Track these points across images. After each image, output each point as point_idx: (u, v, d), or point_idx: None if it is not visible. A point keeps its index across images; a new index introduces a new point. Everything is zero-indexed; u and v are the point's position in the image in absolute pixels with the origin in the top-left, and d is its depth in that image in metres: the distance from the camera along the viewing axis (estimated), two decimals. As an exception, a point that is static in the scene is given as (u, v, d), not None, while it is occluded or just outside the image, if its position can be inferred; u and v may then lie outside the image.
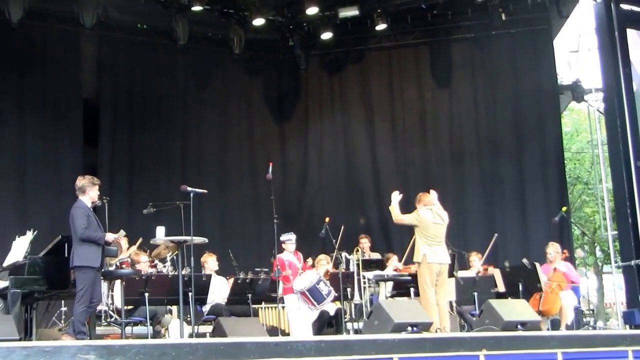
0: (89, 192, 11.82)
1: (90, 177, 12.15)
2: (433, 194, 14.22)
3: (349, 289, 15.23)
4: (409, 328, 11.62)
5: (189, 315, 13.18)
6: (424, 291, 13.51)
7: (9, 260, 11.88)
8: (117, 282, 13.11)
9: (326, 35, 21.91)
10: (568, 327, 15.91)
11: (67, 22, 19.92)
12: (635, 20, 20.28)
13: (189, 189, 12.48)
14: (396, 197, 14.13)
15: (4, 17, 18.41)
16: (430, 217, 13.75)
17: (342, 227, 17.03)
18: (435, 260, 13.49)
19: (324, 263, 15.77)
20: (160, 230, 12.96)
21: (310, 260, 16.04)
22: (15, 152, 19.84)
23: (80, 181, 11.97)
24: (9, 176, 19.64)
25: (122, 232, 12.23)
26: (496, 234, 17.58)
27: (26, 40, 19.83)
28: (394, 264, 16.59)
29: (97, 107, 21.19)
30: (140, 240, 14.84)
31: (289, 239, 14.98)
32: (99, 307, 13.11)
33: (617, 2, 19.91)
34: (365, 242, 17.63)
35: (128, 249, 14.83)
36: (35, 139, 20.12)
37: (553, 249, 16.64)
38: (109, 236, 11.76)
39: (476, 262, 16.85)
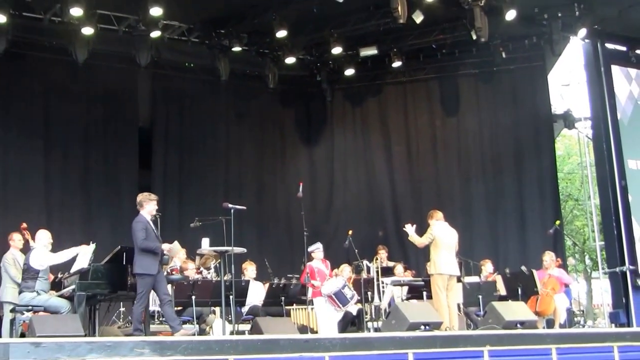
0: (146, 206, 11.85)
1: (148, 193, 12.22)
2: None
3: (369, 293, 15.25)
4: (422, 327, 11.59)
5: (230, 316, 13.22)
6: (437, 295, 13.50)
7: (75, 267, 11.96)
8: (169, 287, 13.17)
9: (349, 72, 21.92)
10: (561, 326, 15.90)
11: (125, 61, 19.97)
12: (619, 57, 20.39)
13: (230, 205, 12.48)
14: (410, 228, 14.13)
15: (71, 58, 18.53)
16: (442, 232, 13.75)
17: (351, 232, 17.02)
18: (446, 272, 13.50)
19: (347, 272, 15.75)
20: (205, 242, 12.98)
21: (336, 270, 15.99)
22: (81, 173, 20.02)
23: (139, 197, 12.05)
24: (76, 194, 19.81)
25: (177, 244, 12.24)
26: (497, 272, 17.53)
27: (90, 78, 19.97)
28: (398, 272, 16.66)
29: (151, 135, 21.32)
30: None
31: (317, 248, 15.01)
32: (152, 308, 13.19)
33: (602, 42, 20.04)
34: (383, 253, 17.58)
35: (187, 259, 14.88)
36: (98, 162, 20.28)
37: (549, 257, 16.64)
38: (165, 246, 11.80)
39: (487, 268, 16.90)
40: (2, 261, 12.78)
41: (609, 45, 20.59)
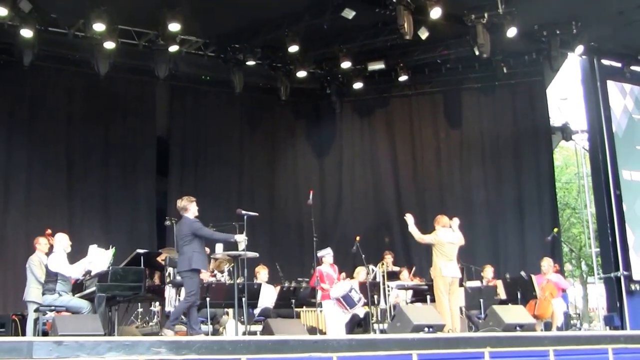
0: (190, 209, 11.87)
1: (187, 197, 12.16)
2: (456, 221, 14.22)
3: (375, 296, 15.22)
4: (426, 329, 11.59)
5: (242, 317, 13.22)
6: (439, 298, 13.49)
7: (95, 270, 11.99)
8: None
9: (357, 85, 21.94)
10: (558, 329, 15.88)
11: (144, 74, 20.11)
12: (615, 73, 20.53)
13: (243, 212, 12.43)
14: (410, 219, 14.12)
15: (94, 71, 18.63)
16: (446, 238, 13.73)
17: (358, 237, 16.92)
18: (448, 274, 13.47)
19: (362, 275, 15.69)
20: (219, 246, 12.97)
21: (344, 274, 15.94)
22: (101, 179, 20.11)
23: (181, 202, 11.99)
24: (96, 199, 19.91)
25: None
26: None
27: (111, 89, 20.06)
28: (403, 276, 16.67)
29: (168, 144, 21.41)
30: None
31: (328, 253, 15.04)
32: (167, 309, 13.17)
33: (599, 59, 20.19)
34: (389, 258, 17.55)
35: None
36: (117, 168, 20.35)
37: (547, 263, 16.66)
38: (238, 237, 11.84)
39: (488, 273, 16.87)
40: (28, 263, 12.83)
41: (605, 62, 20.72)
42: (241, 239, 11.83)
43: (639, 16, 18.21)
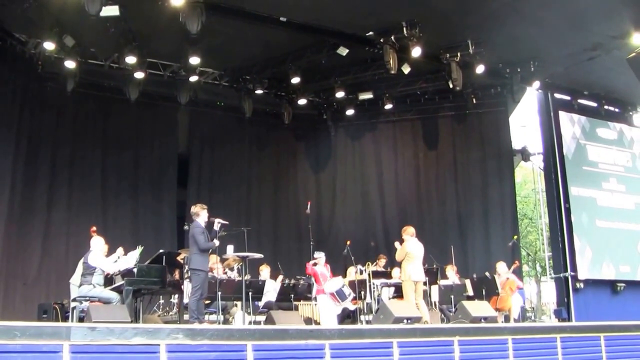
0: (201, 215, 11.80)
1: (200, 204, 12.12)
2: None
3: (362, 292, 15.19)
4: (405, 320, 11.57)
5: (249, 308, 13.18)
6: (407, 296, 13.44)
7: (124, 267, 11.99)
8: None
9: (350, 112, 21.97)
10: (516, 320, 15.93)
11: (168, 100, 20.17)
12: (565, 105, 20.92)
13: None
14: (398, 245, 14.05)
15: (125, 97, 18.71)
16: (413, 247, 13.70)
17: (349, 242, 16.90)
18: (415, 279, 13.43)
19: (352, 274, 15.67)
20: (230, 248, 12.93)
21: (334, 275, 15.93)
22: (131, 190, 20.12)
23: (194, 208, 11.98)
24: (126, 207, 19.95)
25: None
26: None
27: (140, 113, 20.09)
28: (395, 275, 16.66)
29: (187, 160, 21.37)
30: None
31: (320, 256, 15.02)
32: (185, 301, 13.13)
33: (552, 92, 20.49)
34: (382, 261, 17.47)
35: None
36: (144, 181, 20.39)
37: (501, 266, 16.83)
38: (215, 242, 11.76)
39: (450, 273, 16.86)
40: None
41: (557, 95, 20.93)
42: (217, 243, 11.83)
43: (586, 58, 18.39)
